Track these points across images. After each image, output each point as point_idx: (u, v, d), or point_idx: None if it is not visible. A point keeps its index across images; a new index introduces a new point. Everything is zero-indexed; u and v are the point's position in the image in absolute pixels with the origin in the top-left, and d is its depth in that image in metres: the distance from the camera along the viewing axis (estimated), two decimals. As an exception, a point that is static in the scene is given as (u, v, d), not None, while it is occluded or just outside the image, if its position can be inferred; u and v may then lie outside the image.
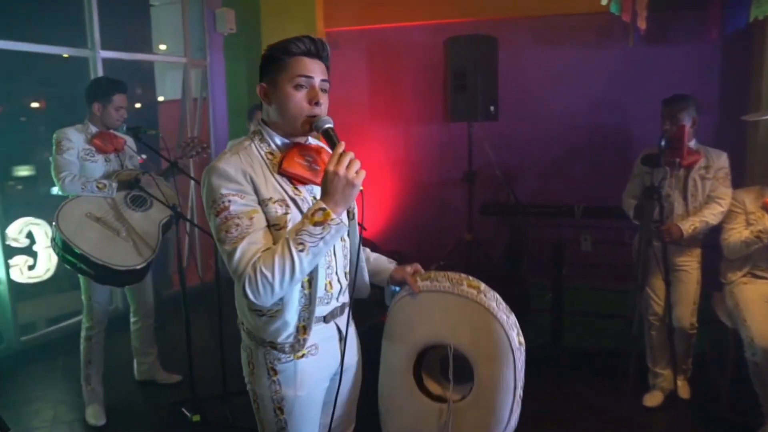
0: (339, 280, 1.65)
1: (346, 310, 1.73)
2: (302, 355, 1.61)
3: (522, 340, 1.72)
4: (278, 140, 1.58)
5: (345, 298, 1.71)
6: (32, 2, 4.55)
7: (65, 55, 4.38)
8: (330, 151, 1.52)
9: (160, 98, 5.58)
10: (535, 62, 5.01)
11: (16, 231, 3.95)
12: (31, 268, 4.05)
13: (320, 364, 1.65)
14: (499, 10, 4.95)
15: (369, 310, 2.16)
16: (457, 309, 1.74)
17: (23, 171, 5.83)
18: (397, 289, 1.85)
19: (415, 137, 5.50)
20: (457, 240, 5.00)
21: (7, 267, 3.91)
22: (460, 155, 5.02)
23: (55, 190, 3.00)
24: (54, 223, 2.81)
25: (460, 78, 4.66)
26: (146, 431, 3.24)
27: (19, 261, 4.00)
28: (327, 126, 1.51)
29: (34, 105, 6.72)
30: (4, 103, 6.21)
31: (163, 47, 5.57)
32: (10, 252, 3.96)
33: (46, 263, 4.09)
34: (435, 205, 5.41)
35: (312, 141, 1.68)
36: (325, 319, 1.64)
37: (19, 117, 6.42)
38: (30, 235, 4.01)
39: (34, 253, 4.06)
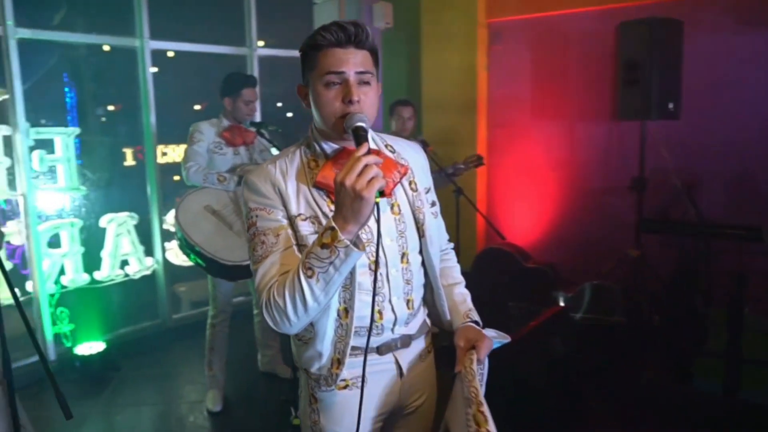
0: (394, 309, 1.40)
1: (414, 344, 1.48)
2: (345, 386, 1.40)
3: None
4: (325, 146, 1.38)
5: (409, 329, 1.47)
6: (200, 5, 4.90)
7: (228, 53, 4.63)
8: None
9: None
10: (732, 49, 4.11)
11: (173, 216, 4.26)
12: (185, 252, 4.35)
13: (367, 400, 1.41)
14: (688, -12, 4.17)
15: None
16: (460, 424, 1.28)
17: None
18: None
19: (579, 137, 4.90)
20: (621, 256, 4.34)
21: (164, 250, 4.26)
22: (629, 159, 4.36)
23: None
24: (175, 213, 2.92)
25: (632, 69, 4.01)
26: (256, 423, 3.26)
27: (175, 245, 4.32)
28: (357, 124, 1.25)
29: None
30: (205, 100, 6.85)
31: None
32: (168, 236, 4.30)
33: (199, 248, 4.37)
34: (597, 213, 4.77)
35: (372, 145, 1.44)
36: (379, 351, 1.42)
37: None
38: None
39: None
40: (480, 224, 5.34)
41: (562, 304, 4.24)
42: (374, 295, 1.28)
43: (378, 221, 1.20)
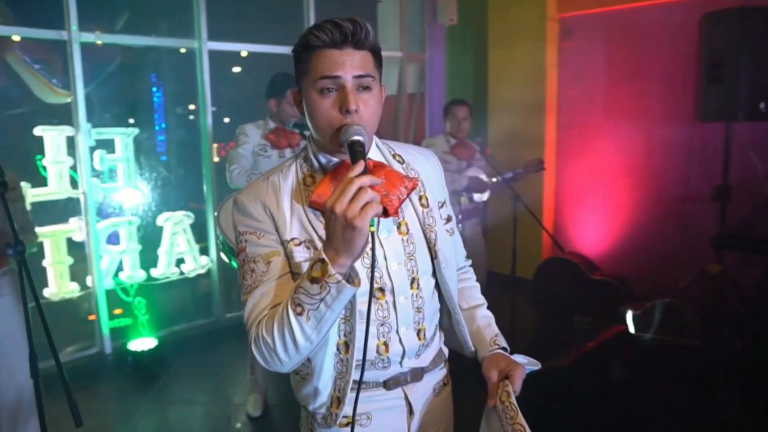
0: (402, 341, 1.26)
1: (426, 377, 1.34)
2: (347, 424, 1.27)
3: None
4: (323, 159, 1.24)
5: (420, 362, 1.32)
6: (260, 5, 4.91)
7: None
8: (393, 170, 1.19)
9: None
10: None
11: (215, 219, 4.30)
12: (239, 251, 4.38)
13: None
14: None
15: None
16: None
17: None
18: None
19: (657, 140, 4.50)
20: (700, 271, 3.94)
21: (218, 249, 4.29)
22: (712, 164, 3.96)
23: None
24: (215, 215, 2.90)
25: (718, 65, 3.62)
26: (295, 430, 3.19)
27: (228, 245, 4.35)
28: (353, 138, 1.10)
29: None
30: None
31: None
32: (224, 235, 4.34)
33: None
34: (675, 224, 4.37)
35: (377, 156, 1.29)
36: (386, 385, 1.28)
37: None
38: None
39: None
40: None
41: (629, 321, 3.90)
42: (368, 326, 1.12)
43: (373, 252, 1.06)
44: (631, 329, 3.76)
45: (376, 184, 1.03)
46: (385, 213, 1.16)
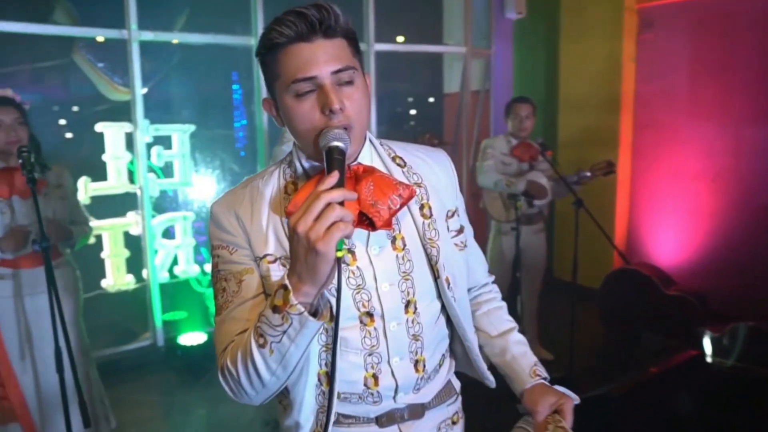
0: (394, 374, 1.11)
1: (429, 414, 1.18)
2: None
3: None
4: (307, 165, 1.10)
5: (420, 397, 1.16)
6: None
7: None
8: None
9: (448, 91, 5.39)
10: None
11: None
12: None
13: None
14: None
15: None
16: None
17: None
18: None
19: (746, 142, 4.06)
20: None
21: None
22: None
23: None
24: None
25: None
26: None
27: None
28: (332, 144, 0.96)
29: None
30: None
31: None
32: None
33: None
34: (764, 235, 3.92)
35: (370, 158, 1.14)
36: (378, 422, 1.14)
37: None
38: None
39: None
40: (618, 239, 4.68)
41: (706, 345, 3.52)
42: (334, 359, 0.98)
43: (339, 281, 0.90)
44: (708, 354, 3.39)
45: (349, 199, 0.89)
46: (372, 226, 1.01)
